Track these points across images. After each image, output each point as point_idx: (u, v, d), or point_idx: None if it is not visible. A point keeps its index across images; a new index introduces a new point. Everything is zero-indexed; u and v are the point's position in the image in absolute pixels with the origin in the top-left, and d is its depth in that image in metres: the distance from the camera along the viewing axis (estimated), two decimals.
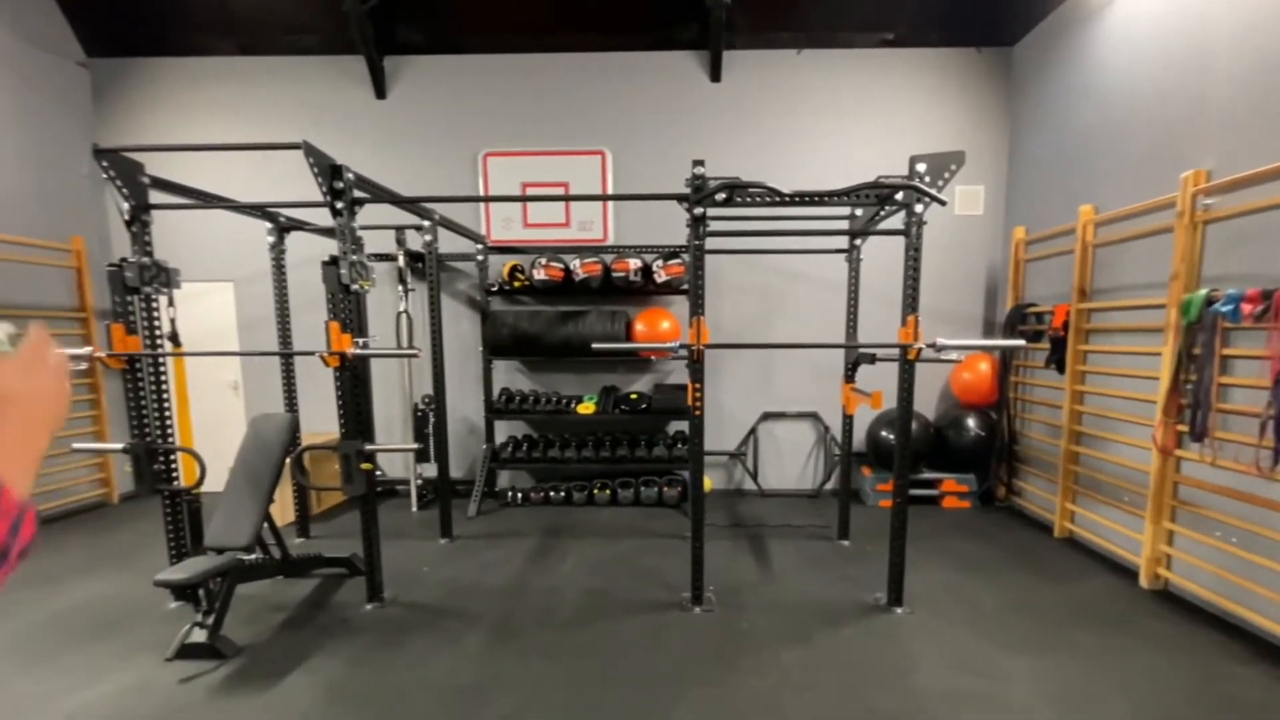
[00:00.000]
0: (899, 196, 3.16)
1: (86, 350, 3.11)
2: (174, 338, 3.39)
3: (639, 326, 4.96)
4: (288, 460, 3.48)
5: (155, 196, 3.28)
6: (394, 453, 5.49)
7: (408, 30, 5.22)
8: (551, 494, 5.11)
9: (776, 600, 3.31)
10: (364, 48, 5.10)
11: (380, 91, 5.33)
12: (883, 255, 4.67)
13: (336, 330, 3.10)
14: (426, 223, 4.30)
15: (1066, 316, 4.18)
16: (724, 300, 5.31)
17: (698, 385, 3.18)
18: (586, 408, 5.02)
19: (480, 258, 5.13)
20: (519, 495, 5.14)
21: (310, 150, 2.89)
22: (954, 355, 3.10)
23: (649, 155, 5.28)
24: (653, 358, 5.26)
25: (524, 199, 4.94)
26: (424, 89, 5.35)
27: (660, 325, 4.93)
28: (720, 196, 3.08)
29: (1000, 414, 4.89)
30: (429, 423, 4.76)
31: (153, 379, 3.29)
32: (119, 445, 3.23)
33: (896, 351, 3.12)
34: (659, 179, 5.11)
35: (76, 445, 3.45)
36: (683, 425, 5.33)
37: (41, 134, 4.94)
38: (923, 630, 2.99)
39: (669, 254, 4.94)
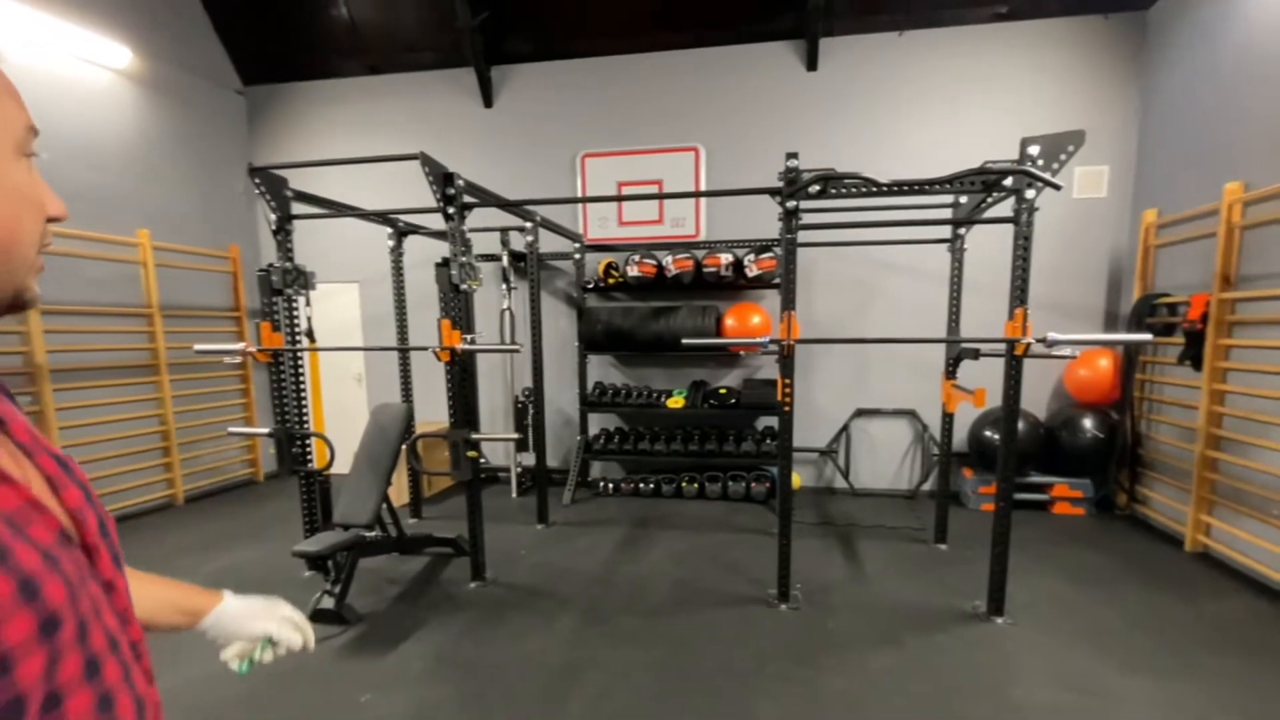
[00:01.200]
0: (1008, 182, 2.99)
1: (240, 346, 3.58)
2: (310, 334, 3.81)
3: (729, 321, 4.98)
4: (404, 446, 3.82)
5: (296, 207, 3.71)
6: (497, 442, 5.83)
7: (514, 40, 5.51)
8: (641, 485, 5.25)
9: (866, 602, 3.26)
10: (474, 60, 5.45)
11: (488, 100, 5.66)
12: (990, 244, 4.40)
13: (448, 327, 3.36)
14: (529, 224, 4.54)
15: (1206, 308, 3.76)
16: (816, 294, 5.22)
17: (788, 380, 3.18)
18: (676, 402, 5.12)
19: (577, 256, 5.35)
20: (610, 485, 5.33)
21: (426, 160, 3.15)
22: (1067, 351, 2.90)
23: (742, 149, 5.27)
24: (742, 353, 5.27)
25: (619, 199, 5.10)
26: (527, 96, 5.62)
27: (750, 320, 4.92)
28: (814, 189, 3.04)
29: (1123, 414, 4.48)
30: (528, 414, 5.04)
31: (292, 371, 3.72)
32: (265, 430, 3.69)
33: (1002, 347, 2.97)
34: (752, 173, 5.08)
35: (231, 429, 3.98)
36: (772, 421, 5.30)
37: (206, 156, 5.66)
38: (1025, 642, 2.84)
39: (761, 248, 4.92)
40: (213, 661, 1.02)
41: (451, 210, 3.27)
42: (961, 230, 3.82)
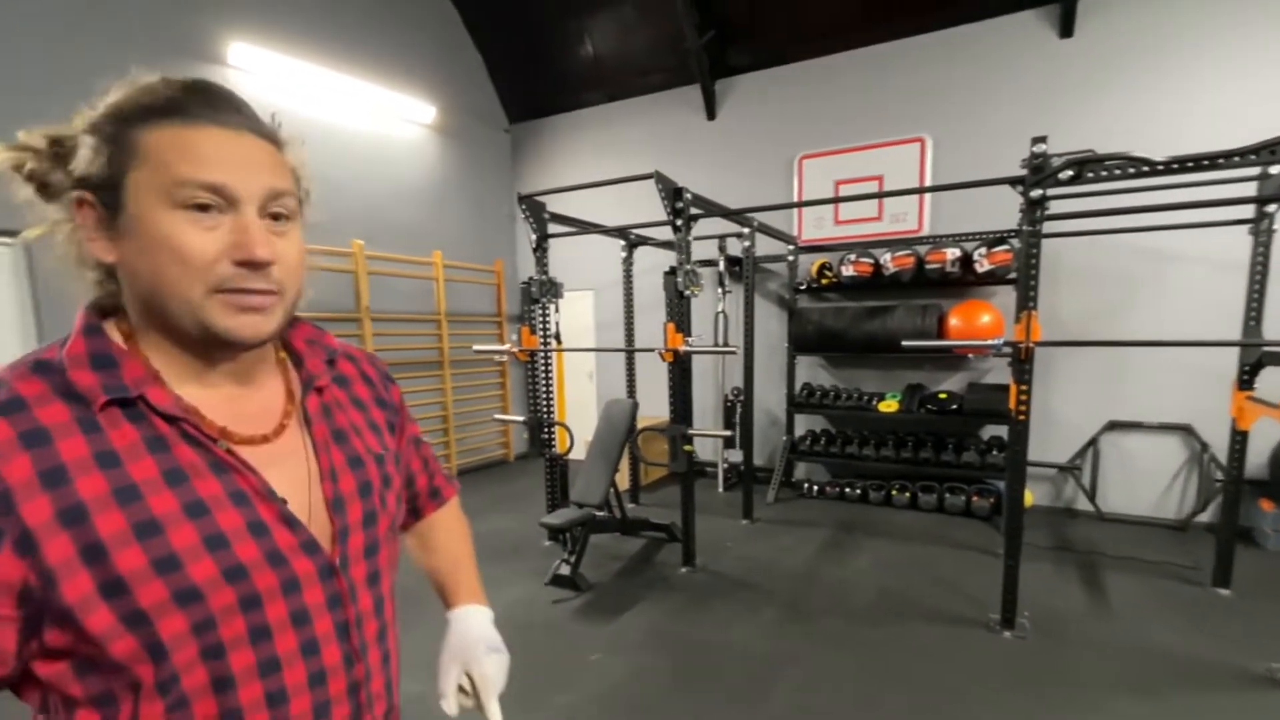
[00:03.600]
0: None
1: (507, 346, 4.37)
2: (558, 337, 4.50)
3: (953, 321, 4.65)
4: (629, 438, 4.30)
5: (550, 227, 4.39)
6: (708, 438, 6.16)
7: (736, 53, 5.78)
8: (847, 490, 5.15)
9: (1112, 641, 2.89)
10: (699, 76, 5.83)
11: (711, 113, 6.01)
12: None
13: (672, 330, 3.72)
14: (746, 230, 4.76)
15: None
16: (1061, 289, 4.60)
17: (1024, 387, 2.94)
18: (889, 405, 4.93)
19: (790, 258, 5.42)
20: (814, 487, 5.32)
21: (660, 178, 3.54)
22: None
23: (975, 135, 4.87)
24: (969, 355, 4.87)
25: (835, 200, 5.06)
26: (747, 105, 5.86)
27: (979, 319, 4.54)
28: (1065, 175, 2.77)
29: None
30: (737, 412, 5.28)
31: (543, 368, 4.43)
32: (521, 418, 4.44)
33: None
34: (986, 160, 4.67)
35: (495, 416, 4.85)
36: (999, 430, 4.81)
37: (480, 187, 6.88)
38: None
39: (994, 240, 4.51)
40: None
41: (679, 222, 3.61)
42: (1270, 208, 3.15)
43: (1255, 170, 3.08)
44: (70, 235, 0.61)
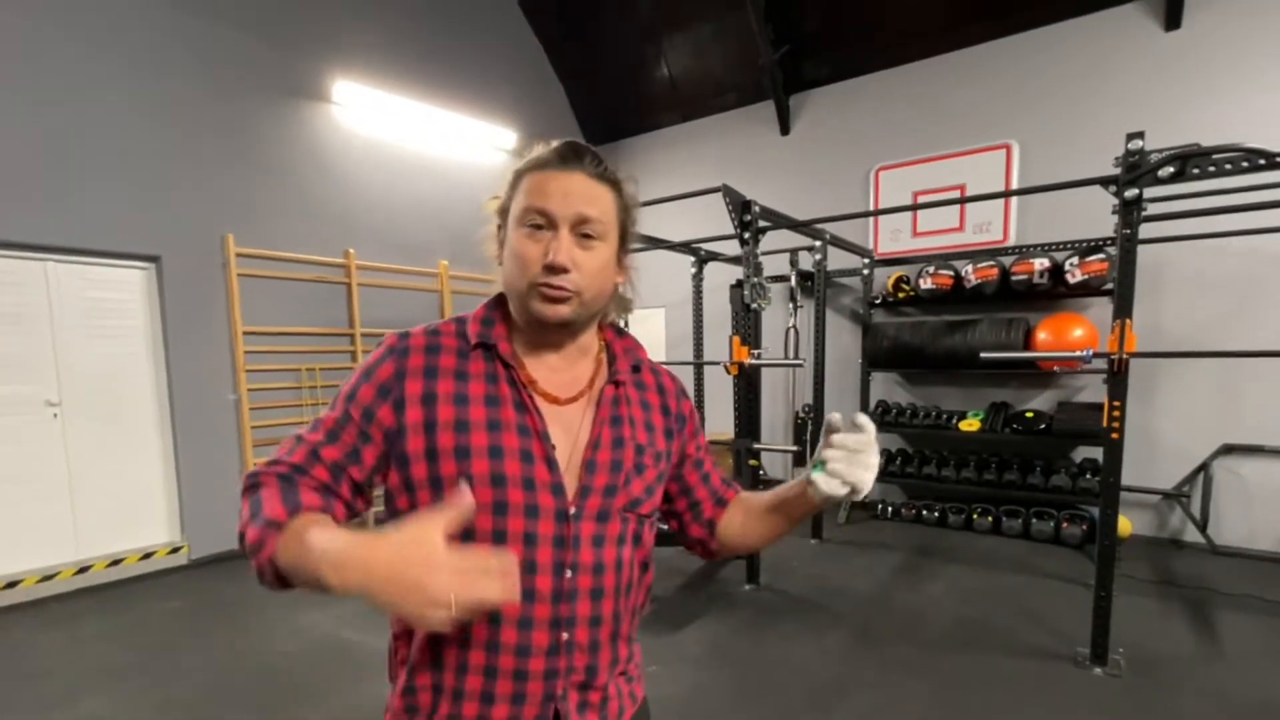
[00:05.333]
0: None
1: None
2: None
3: (1041, 335, 4.39)
4: None
5: None
6: (775, 453, 6.06)
7: (811, 67, 5.77)
8: (924, 512, 4.92)
9: (1224, 689, 2.61)
10: (773, 92, 5.84)
11: (785, 129, 6.00)
12: None
13: (738, 343, 3.73)
14: (818, 242, 4.70)
15: None
16: (1165, 299, 4.26)
17: (1117, 403, 2.74)
18: (970, 424, 4.68)
19: (865, 271, 5.30)
20: (889, 509, 5.11)
21: (728, 191, 3.58)
22: None
23: (1066, 139, 4.62)
24: (1056, 368, 4.54)
25: (913, 208, 4.91)
26: (822, 118, 5.83)
27: (1070, 333, 4.26)
28: (1165, 172, 2.57)
29: None
30: (807, 429, 5.17)
31: None
32: None
33: None
34: (1078, 165, 4.35)
35: None
36: (1093, 452, 4.47)
37: None
38: None
39: (1087, 249, 4.23)
40: None
41: (747, 235, 3.63)
42: None
43: None
44: (493, 247, 0.90)
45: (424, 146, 5.77)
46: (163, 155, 4.21)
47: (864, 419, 0.85)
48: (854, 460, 0.84)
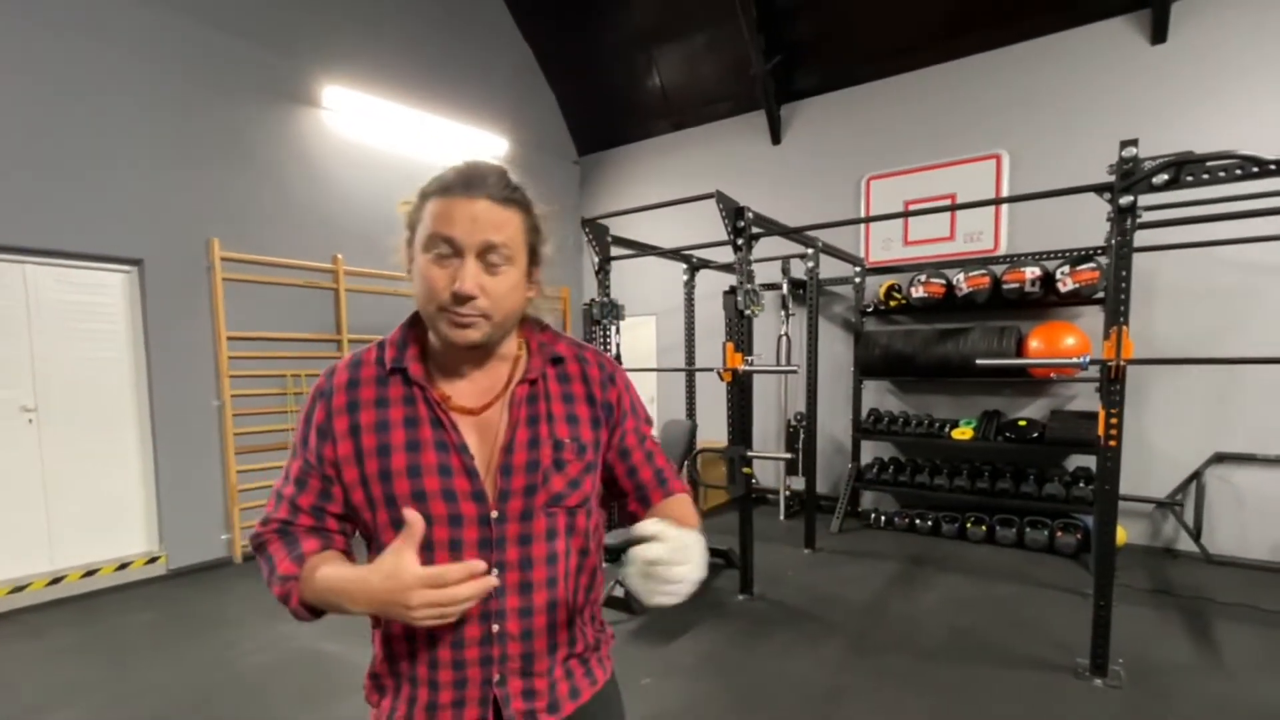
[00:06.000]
0: None
1: None
2: (619, 358, 4.53)
3: (1033, 343, 4.39)
4: (686, 460, 4.26)
5: (613, 251, 4.46)
6: (768, 460, 6.01)
7: (803, 77, 5.79)
8: (917, 521, 4.88)
9: (1223, 698, 2.58)
10: (765, 101, 5.85)
11: (776, 138, 6.01)
12: None
13: (730, 349, 3.69)
14: (810, 250, 4.69)
15: None
16: (1156, 308, 4.27)
17: (1114, 411, 2.72)
18: (963, 433, 4.66)
19: (857, 280, 5.29)
20: (882, 518, 5.07)
21: (721, 197, 3.56)
22: None
23: (1057, 150, 4.65)
24: (1053, 375, 4.52)
25: (904, 214, 4.92)
26: (813, 128, 5.83)
27: (1062, 341, 4.26)
28: (1160, 179, 2.57)
29: None
30: (799, 438, 5.13)
31: None
32: None
33: None
34: (1067, 176, 4.40)
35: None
36: (1085, 460, 4.46)
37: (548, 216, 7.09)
38: None
39: (1078, 258, 4.25)
40: None
41: (740, 241, 3.61)
42: None
43: None
44: (403, 262, 0.89)
45: (414, 152, 5.74)
46: (147, 157, 4.14)
47: (656, 528, 0.77)
48: (650, 576, 0.75)
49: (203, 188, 4.40)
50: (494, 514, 0.87)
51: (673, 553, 0.76)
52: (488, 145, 6.26)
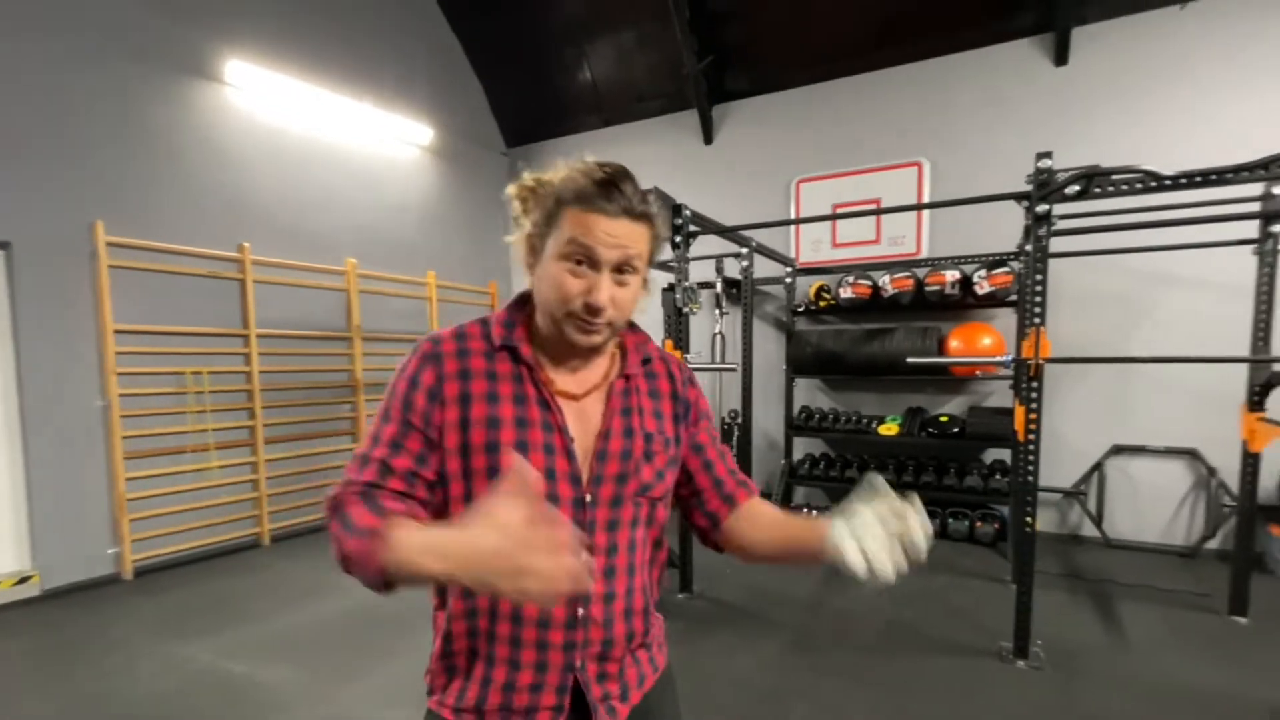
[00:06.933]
0: None
1: None
2: None
3: (953, 343, 4.60)
4: None
5: None
6: None
7: (735, 78, 5.83)
8: None
9: (1131, 674, 2.76)
10: (697, 101, 5.85)
11: (708, 138, 6.03)
12: None
13: (670, 346, 3.65)
14: (744, 250, 4.72)
15: None
16: (1062, 313, 4.55)
17: (1033, 407, 2.86)
18: (889, 429, 4.84)
19: (788, 280, 5.39)
20: (814, 512, 5.19)
21: (658, 194, 3.49)
22: None
23: (972, 160, 4.89)
24: (977, 374, 4.77)
25: (834, 217, 5.06)
26: (744, 129, 5.89)
27: (980, 341, 4.50)
28: (1072, 190, 2.73)
29: None
30: (734, 435, 5.17)
31: None
32: None
33: None
34: (982, 186, 4.61)
35: None
36: (1001, 454, 4.73)
37: (475, 209, 6.85)
38: None
39: (993, 263, 4.49)
40: None
41: (678, 239, 3.56)
42: (1276, 227, 3.12)
43: (1259, 190, 3.10)
44: (521, 250, 0.94)
45: (332, 137, 5.38)
46: (14, 126, 3.65)
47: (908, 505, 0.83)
48: (891, 546, 0.80)
49: (84, 164, 3.93)
50: (587, 497, 0.90)
51: (914, 526, 0.81)
52: (411, 132, 5.97)
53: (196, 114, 4.51)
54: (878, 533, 0.79)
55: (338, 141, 5.43)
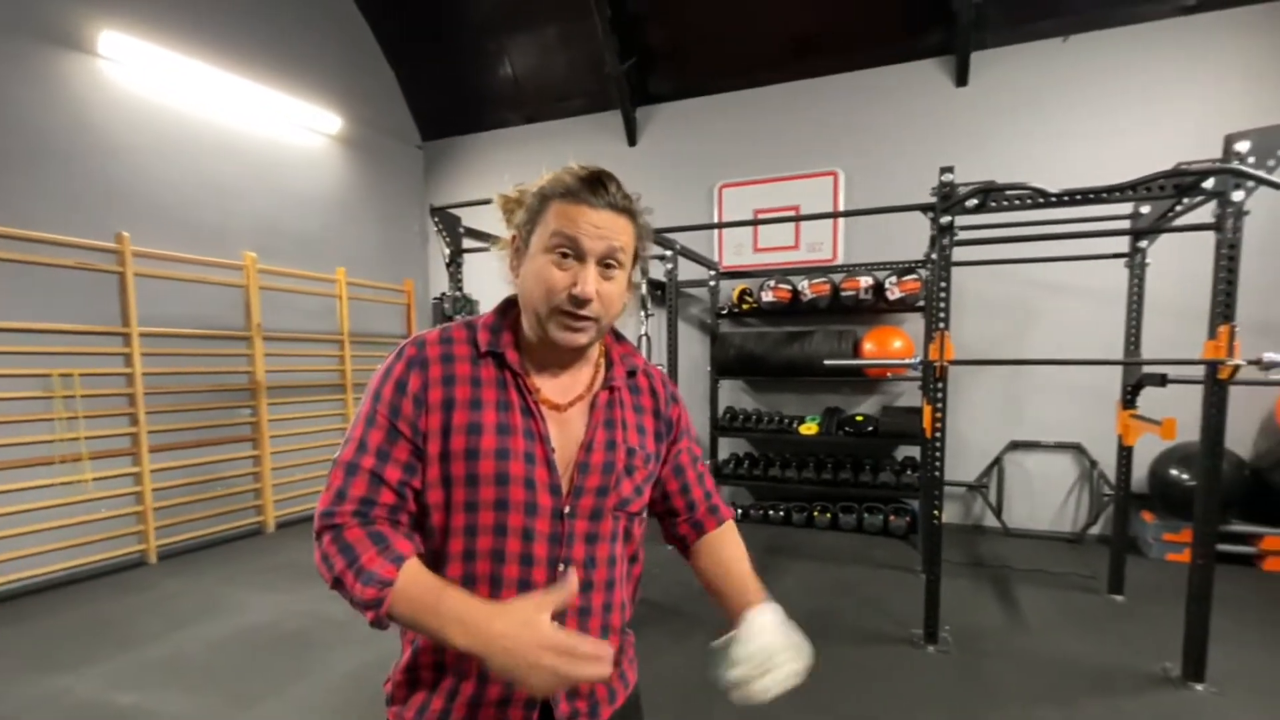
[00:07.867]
0: (1207, 185, 2.65)
1: None
2: None
3: (868, 346, 4.83)
4: None
5: (466, 243, 4.16)
6: None
7: (658, 82, 5.84)
8: (770, 512, 5.16)
9: (1028, 652, 2.97)
10: (620, 103, 5.82)
11: (632, 140, 6.02)
12: (1176, 258, 3.89)
13: None
14: (669, 252, 4.74)
15: None
16: (965, 318, 4.87)
17: (939, 406, 3.02)
18: (809, 428, 5.01)
19: (712, 283, 5.46)
20: (739, 510, 5.29)
21: None
22: None
23: (883, 171, 5.14)
24: (889, 375, 5.00)
25: (756, 222, 5.18)
26: (668, 133, 5.92)
27: (891, 344, 4.74)
28: (972, 203, 2.92)
29: None
30: None
31: None
32: None
33: (1198, 371, 2.62)
34: (893, 195, 4.89)
35: None
36: (912, 451, 5.02)
37: (389, 203, 6.51)
38: (1235, 716, 2.45)
39: (903, 270, 4.74)
40: None
41: None
42: (1143, 243, 3.46)
43: (1129, 209, 3.42)
44: (507, 255, 0.95)
45: (225, 120, 4.96)
46: None
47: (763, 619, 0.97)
48: (774, 680, 0.92)
49: None
50: (566, 509, 0.89)
51: (760, 668, 0.91)
52: (317, 119, 5.61)
53: (63, 89, 4.02)
54: (768, 666, 0.91)
55: (233, 125, 5.00)
